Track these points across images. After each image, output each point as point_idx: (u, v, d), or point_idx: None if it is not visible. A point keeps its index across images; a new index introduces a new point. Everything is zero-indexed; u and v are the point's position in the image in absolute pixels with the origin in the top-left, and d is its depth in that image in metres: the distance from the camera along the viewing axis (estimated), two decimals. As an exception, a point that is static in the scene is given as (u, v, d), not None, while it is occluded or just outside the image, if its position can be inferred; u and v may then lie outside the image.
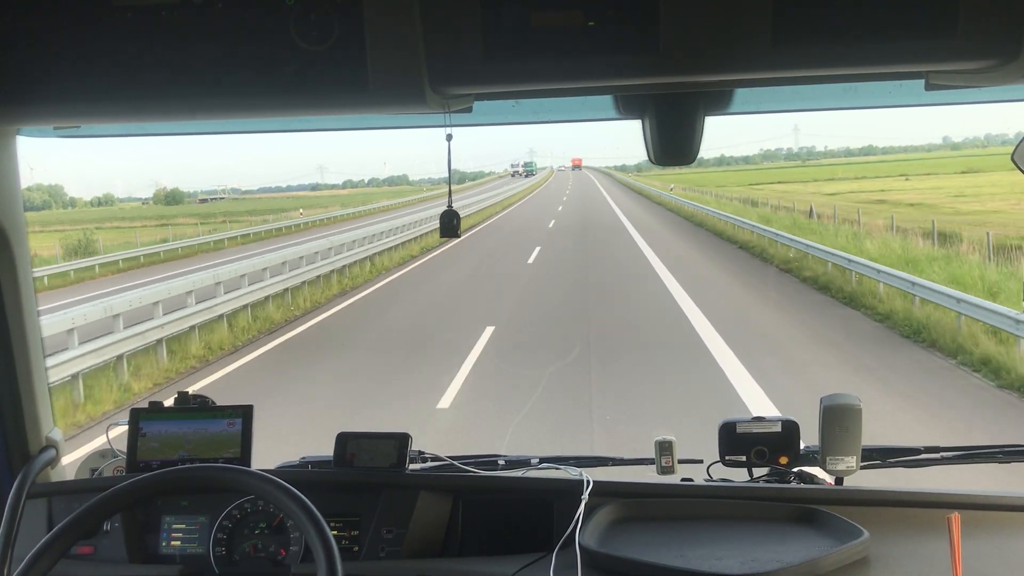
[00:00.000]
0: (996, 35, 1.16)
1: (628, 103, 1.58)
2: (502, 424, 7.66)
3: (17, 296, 1.76)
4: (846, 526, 1.59)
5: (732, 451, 1.89)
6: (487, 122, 1.76)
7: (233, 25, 1.24)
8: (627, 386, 8.89)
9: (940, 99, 1.66)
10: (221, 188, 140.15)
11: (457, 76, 1.25)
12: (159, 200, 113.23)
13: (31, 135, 1.77)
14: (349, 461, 1.86)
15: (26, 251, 1.78)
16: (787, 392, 8.26)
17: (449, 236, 1.53)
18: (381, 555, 1.75)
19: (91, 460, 2.06)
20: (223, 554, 1.79)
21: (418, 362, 10.48)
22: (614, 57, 1.21)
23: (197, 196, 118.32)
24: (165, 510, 1.83)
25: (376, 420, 7.83)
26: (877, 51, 1.19)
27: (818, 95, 1.65)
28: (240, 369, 11.04)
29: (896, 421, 7.38)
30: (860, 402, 1.84)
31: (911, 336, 11.05)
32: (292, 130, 1.89)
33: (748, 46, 1.18)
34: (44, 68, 1.28)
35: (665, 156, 1.57)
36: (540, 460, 1.98)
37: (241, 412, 1.89)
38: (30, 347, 1.81)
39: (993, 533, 1.61)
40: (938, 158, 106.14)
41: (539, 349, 11.05)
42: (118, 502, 1.40)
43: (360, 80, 1.24)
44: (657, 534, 1.65)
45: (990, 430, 7.23)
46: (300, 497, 1.36)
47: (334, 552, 1.29)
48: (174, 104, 1.30)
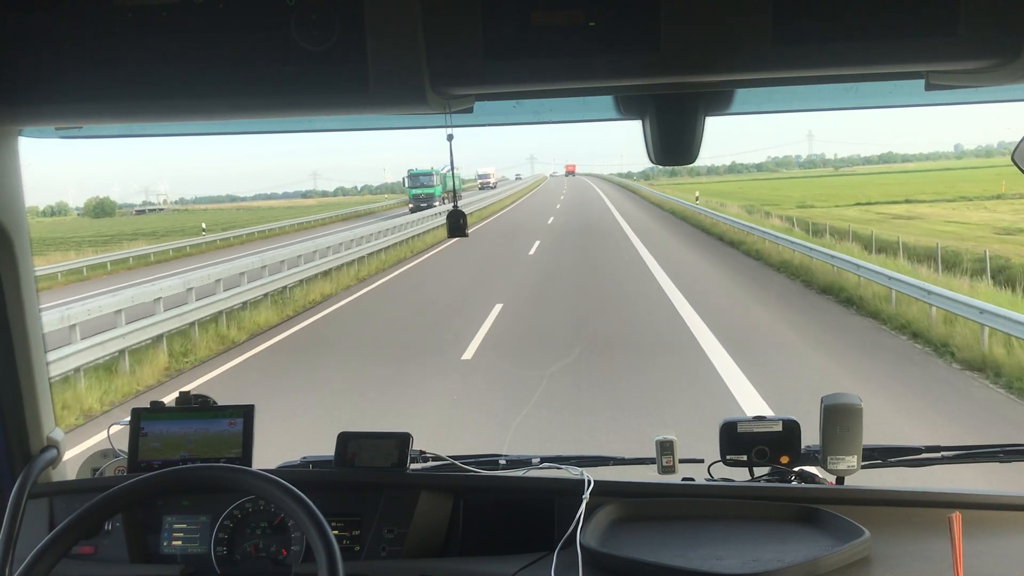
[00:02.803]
0: (996, 35, 1.16)
1: (628, 103, 1.58)
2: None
3: (18, 295, 1.76)
4: (847, 526, 1.59)
5: (733, 450, 1.89)
6: (488, 123, 1.76)
7: (234, 25, 1.24)
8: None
9: (940, 99, 1.66)
10: (161, 198, 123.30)
11: (458, 76, 1.25)
12: (88, 211, 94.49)
13: (32, 135, 1.77)
14: (350, 461, 1.86)
15: (27, 250, 1.78)
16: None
17: (456, 235, 1.53)
18: (382, 555, 1.75)
19: (92, 460, 2.06)
20: (224, 554, 1.79)
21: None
22: (614, 57, 1.21)
23: (134, 207, 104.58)
24: (166, 510, 1.83)
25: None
26: (877, 51, 1.19)
27: (818, 95, 1.66)
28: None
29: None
30: (861, 402, 1.84)
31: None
32: (293, 130, 1.89)
33: (748, 46, 1.18)
34: (45, 68, 1.28)
35: (665, 156, 1.57)
36: (541, 460, 1.98)
37: (242, 412, 1.89)
38: (31, 346, 1.81)
39: (994, 533, 1.61)
40: (968, 168, 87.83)
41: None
42: (119, 502, 1.40)
43: (361, 80, 1.24)
44: (658, 534, 1.65)
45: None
46: (301, 497, 1.36)
47: (335, 552, 1.29)
48: (175, 104, 1.31)
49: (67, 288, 23.54)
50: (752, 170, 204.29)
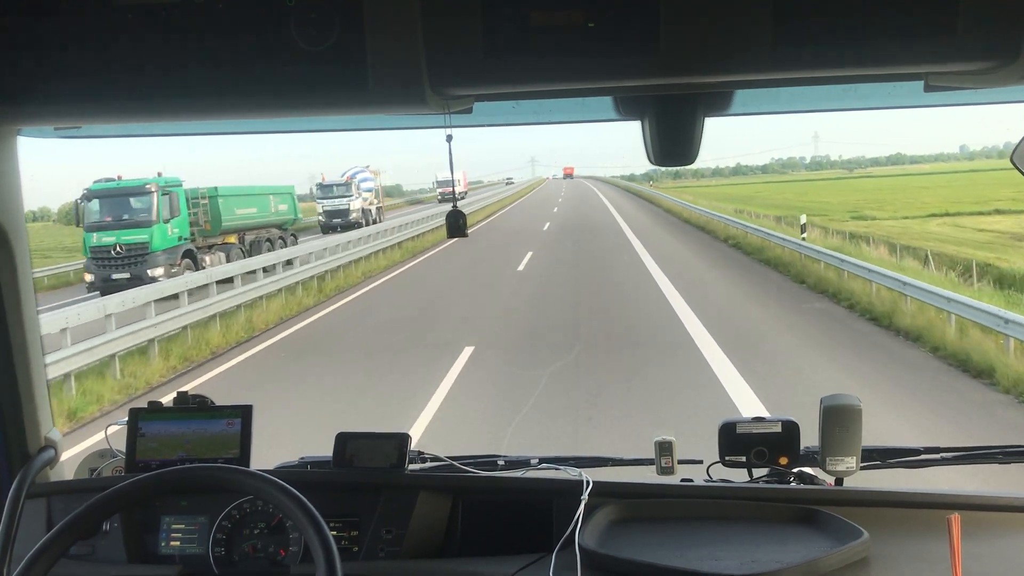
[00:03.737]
0: (996, 36, 1.16)
1: (628, 104, 1.58)
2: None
3: (17, 296, 1.76)
4: (846, 527, 1.59)
5: (732, 451, 1.89)
6: (487, 123, 1.76)
7: (234, 25, 1.24)
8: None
9: (939, 100, 1.66)
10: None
11: (457, 77, 1.25)
12: (61, 217, 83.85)
13: (31, 135, 1.77)
14: (348, 461, 1.86)
15: (26, 251, 1.78)
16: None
17: (456, 236, 1.53)
18: (380, 555, 1.75)
19: (90, 460, 2.06)
20: (222, 554, 1.78)
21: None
22: (614, 58, 1.21)
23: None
24: (164, 510, 1.83)
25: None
26: (877, 52, 1.19)
27: (817, 96, 1.66)
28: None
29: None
30: (860, 402, 1.84)
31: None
32: (292, 131, 1.89)
33: (748, 47, 1.18)
34: (44, 68, 1.28)
35: (665, 157, 1.58)
36: (540, 460, 1.98)
37: (240, 412, 1.89)
38: (29, 347, 1.81)
39: (993, 534, 1.61)
40: (991, 170, 71.20)
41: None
42: (117, 502, 1.40)
43: (360, 80, 1.24)
44: (657, 534, 1.65)
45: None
46: (299, 497, 1.36)
47: (333, 552, 1.29)
48: (174, 104, 1.30)
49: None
50: (757, 172, 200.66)
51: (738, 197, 54.34)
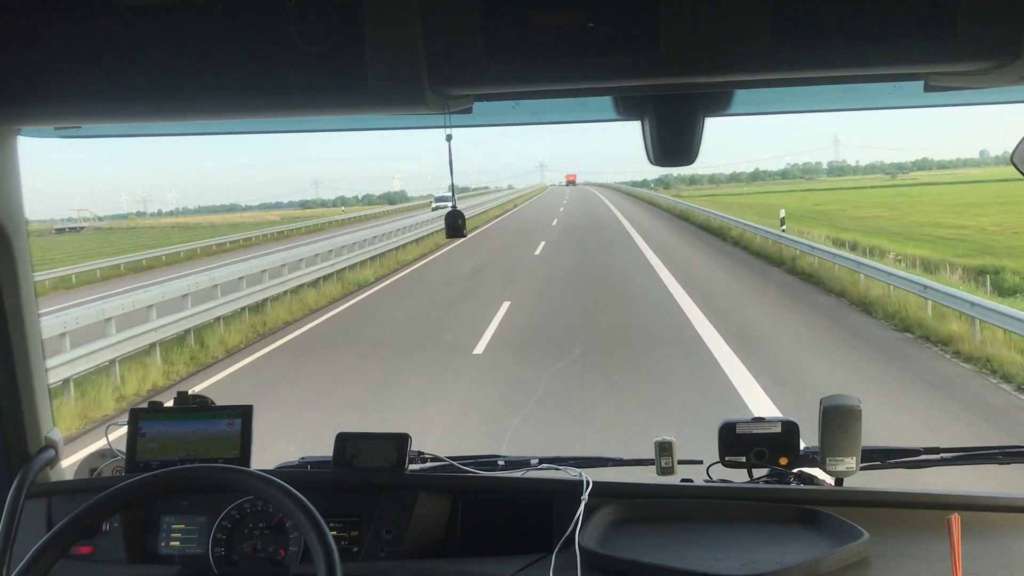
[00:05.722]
0: (996, 36, 1.16)
1: (627, 104, 1.58)
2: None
3: (17, 297, 1.76)
4: (846, 527, 1.59)
5: (732, 452, 1.89)
6: (487, 123, 1.76)
7: (233, 25, 1.24)
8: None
9: (939, 100, 1.66)
10: (82, 215, 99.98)
11: (457, 77, 1.25)
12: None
13: (32, 135, 1.77)
14: (348, 461, 1.86)
15: (26, 252, 1.78)
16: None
17: (454, 236, 1.53)
18: (380, 555, 1.75)
19: (90, 460, 2.06)
20: (222, 554, 1.78)
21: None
22: (614, 58, 1.21)
23: (54, 224, 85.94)
24: (164, 510, 1.83)
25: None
26: (876, 52, 1.19)
27: (817, 96, 1.66)
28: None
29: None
30: (860, 403, 1.84)
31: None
32: (291, 131, 1.89)
33: (747, 47, 1.18)
34: (45, 68, 1.28)
35: (665, 157, 1.57)
36: (540, 460, 1.98)
37: (240, 412, 1.89)
38: (30, 347, 1.81)
39: (993, 534, 1.61)
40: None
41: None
42: (117, 502, 1.39)
43: (360, 81, 1.24)
44: (657, 535, 1.65)
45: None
46: (299, 497, 1.36)
47: (333, 553, 1.28)
48: (174, 104, 1.30)
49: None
50: (776, 177, 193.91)
51: (791, 212, 31.51)
